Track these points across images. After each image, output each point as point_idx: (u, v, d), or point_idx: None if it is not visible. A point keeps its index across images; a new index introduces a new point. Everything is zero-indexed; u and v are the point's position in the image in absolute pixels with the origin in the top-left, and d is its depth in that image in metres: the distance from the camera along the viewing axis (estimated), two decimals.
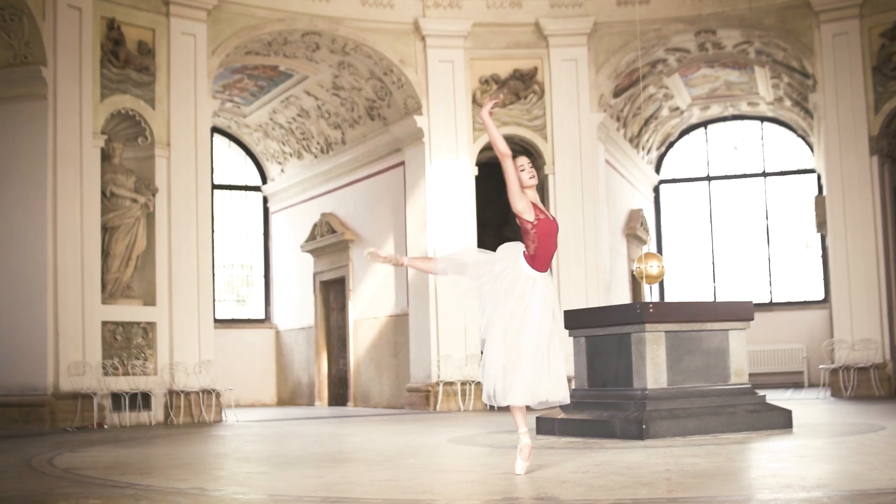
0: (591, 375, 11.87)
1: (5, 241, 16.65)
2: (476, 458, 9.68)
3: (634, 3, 20.00)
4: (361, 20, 19.82)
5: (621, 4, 20.31)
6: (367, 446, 11.48)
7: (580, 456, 9.05)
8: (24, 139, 16.63)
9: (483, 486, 7.31)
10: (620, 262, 23.70)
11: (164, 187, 17.85)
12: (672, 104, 25.60)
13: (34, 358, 16.29)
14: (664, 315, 11.24)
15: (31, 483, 8.21)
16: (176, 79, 18.05)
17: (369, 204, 22.56)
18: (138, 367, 17.32)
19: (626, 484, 6.91)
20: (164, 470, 8.98)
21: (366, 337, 22.55)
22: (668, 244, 28.36)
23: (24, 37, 16.49)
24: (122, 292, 17.54)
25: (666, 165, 28.50)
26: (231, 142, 26.34)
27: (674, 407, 10.92)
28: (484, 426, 14.10)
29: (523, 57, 20.51)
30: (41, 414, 16.11)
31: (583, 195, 20.23)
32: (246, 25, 19.00)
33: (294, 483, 7.74)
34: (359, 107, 21.93)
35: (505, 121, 20.29)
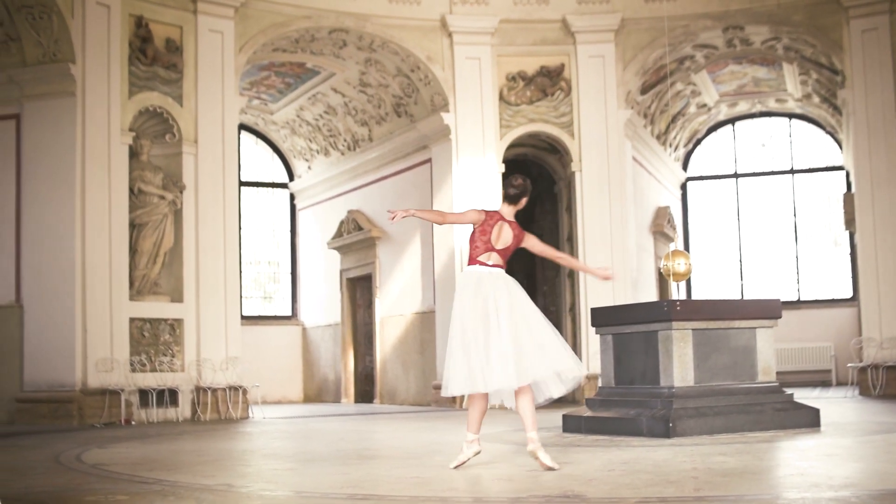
0: (618, 373, 11.83)
1: (34, 238, 16.74)
2: (502, 455, 9.66)
3: (662, 0, 19.93)
4: (388, 17, 19.83)
5: (649, 1, 20.24)
6: (394, 443, 11.49)
7: (607, 454, 9.03)
8: (52, 136, 16.72)
9: (509, 484, 7.30)
10: (647, 260, 23.62)
11: (192, 184, 17.91)
12: (699, 101, 25.51)
13: (63, 354, 16.38)
14: (691, 313, 11.20)
15: (60, 479, 8.25)
16: (203, 76, 18.11)
17: (396, 201, 22.55)
18: (165, 364, 17.38)
19: (652, 482, 6.88)
20: (192, 466, 9.01)
21: (392, 334, 22.56)
22: (696, 242, 28.27)
23: (53, 34, 16.56)
24: (150, 289, 17.60)
25: (693, 162, 28.41)
26: (258, 139, 26.39)
27: (701, 405, 10.88)
28: (510, 424, 14.07)
29: (550, 54, 20.46)
30: (69, 410, 16.20)
31: (610, 192, 20.18)
32: (273, 23, 19.03)
33: (320, 480, 7.75)
34: (386, 104, 21.94)
35: (532, 118, 20.28)
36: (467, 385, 8.23)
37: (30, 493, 7.32)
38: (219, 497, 6.89)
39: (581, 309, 19.97)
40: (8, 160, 17.07)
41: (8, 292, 16.92)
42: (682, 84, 23.54)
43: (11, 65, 16.94)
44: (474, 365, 8.20)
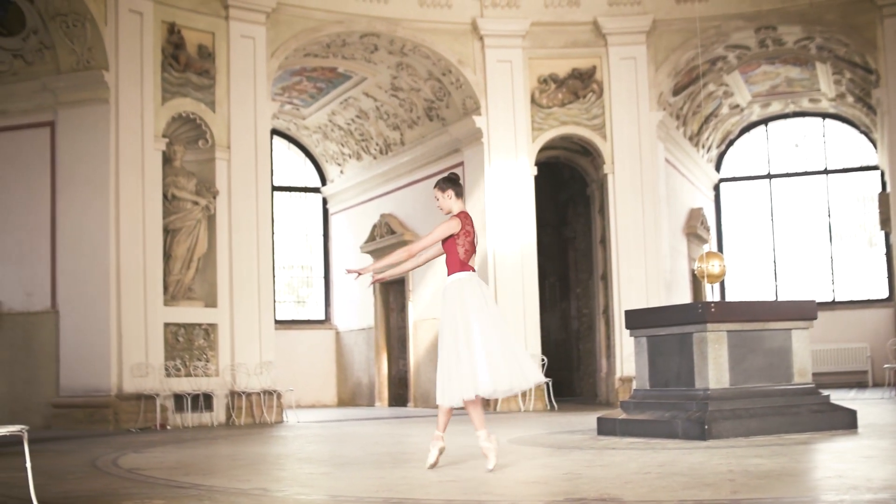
0: (653, 375, 11.79)
1: (69, 244, 16.84)
2: (537, 458, 9.64)
3: (693, 0, 19.86)
4: (419, 21, 19.84)
5: (680, 2, 20.17)
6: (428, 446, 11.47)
7: (642, 456, 8.99)
8: (87, 143, 16.82)
9: (545, 487, 7.28)
10: (681, 262, 23.53)
11: (225, 189, 17.97)
12: (732, 102, 25.40)
13: (98, 359, 16.47)
14: (726, 314, 11.14)
15: (97, 483, 8.29)
16: (236, 81, 18.17)
17: (428, 205, 22.50)
18: (200, 369, 17.44)
19: (689, 485, 6.85)
20: (227, 471, 9.04)
21: (426, 337, 22.55)
22: (729, 243, 28.14)
23: (86, 42, 16.67)
24: (184, 294, 17.67)
25: (726, 163, 28.29)
26: (290, 144, 26.47)
27: (736, 407, 10.82)
28: (545, 426, 14.06)
29: (582, 56, 20.43)
30: (105, 415, 16.28)
31: (643, 194, 20.12)
32: (304, 28, 19.08)
33: (355, 484, 7.75)
34: (417, 107, 21.96)
35: (564, 120, 20.24)
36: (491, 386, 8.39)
37: (68, 498, 7.36)
38: (254, 501, 6.91)
39: (614, 311, 19.91)
40: (43, 167, 17.18)
41: (44, 298, 17.03)
42: (714, 85, 23.44)
43: (46, 72, 17.06)
44: (499, 364, 8.36)
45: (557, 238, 24.84)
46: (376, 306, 24.51)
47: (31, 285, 17.11)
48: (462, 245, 8.68)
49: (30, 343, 17.04)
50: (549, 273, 24.24)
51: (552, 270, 24.75)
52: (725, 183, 28.36)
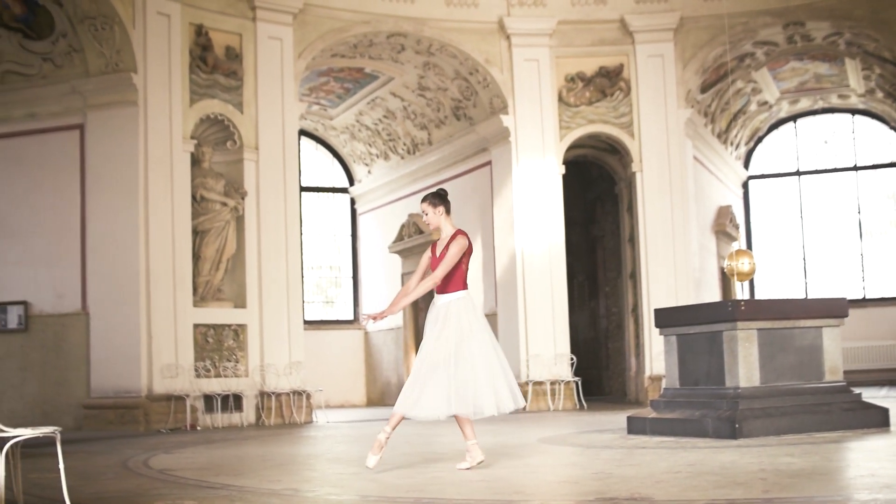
0: (683, 374, 11.75)
1: (99, 246, 16.92)
2: (568, 457, 9.62)
3: None
4: (446, 20, 19.84)
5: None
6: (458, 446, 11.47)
7: (673, 455, 8.96)
8: (116, 145, 16.89)
9: (576, 487, 7.27)
10: (710, 260, 23.45)
11: (253, 190, 18.02)
12: (760, 98, 25.28)
13: (128, 361, 16.53)
14: (756, 313, 11.10)
15: (128, 484, 8.33)
16: (263, 83, 18.21)
17: (456, 204, 22.30)
18: (230, 369, 17.49)
19: (720, 484, 6.82)
20: (258, 471, 9.06)
21: None
22: (758, 241, 28.02)
23: (115, 45, 16.74)
24: (213, 295, 17.73)
25: (755, 161, 28.17)
26: (318, 144, 26.52)
27: (767, 405, 10.77)
28: (574, 426, 14.04)
29: (609, 54, 20.37)
30: (136, 416, 16.34)
31: (671, 192, 20.05)
32: (331, 28, 19.10)
33: (386, 484, 7.75)
34: (444, 107, 21.96)
35: (591, 119, 20.20)
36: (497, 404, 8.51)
37: (100, 499, 7.39)
38: (285, 501, 6.92)
39: (643, 310, 19.85)
40: (72, 170, 17.27)
41: (74, 300, 17.12)
42: (742, 82, 23.34)
43: (75, 75, 17.15)
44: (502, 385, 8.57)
45: (586, 237, 24.79)
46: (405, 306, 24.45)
47: (62, 287, 17.20)
48: (466, 263, 8.82)
49: (60, 345, 17.13)
50: (577, 272, 24.19)
51: (580, 269, 24.70)
52: (754, 180, 28.24)
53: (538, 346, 19.62)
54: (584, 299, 24.99)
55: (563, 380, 19.50)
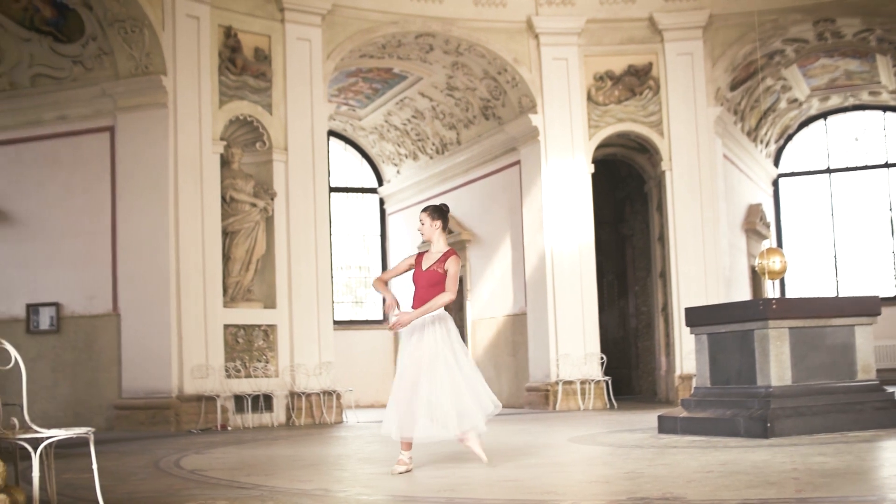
0: (714, 373, 11.70)
1: (130, 247, 16.99)
2: (598, 457, 9.60)
3: None
4: (474, 20, 19.83)
5: None
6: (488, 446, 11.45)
7: (704, 455, 8.93)
8: (146, 147, 16.96)
9: (607, 486, 7.25)
10: (740, 258, 23.35)
11: (283, 191, 18.06)
12: (790, 96, 25.16)
13: (159, 361, 16.60)
14: (788, 311, 11.04)
15: (160, 484, 8.36)
16: (292, 84, 18.25)
17: (485, 204, 22.56)
18: (260, 370, 17.53)
19: (752, 483, 6.79)
20: (288, 471, 9.08)
21: (484, 336, 22.56)
22: (789, 239, 27.88)
23: (144, 47, 16.80)
24: (243, 296, 17.77)
25: (785, 159, 28.03)
26: (347, 144, 26.56)
27: (799, 405, 10.72)
28: (604, 425, 14.01)
29: (638, 52, 20.32)
30: (167, 416, 16.41)
31: (701, 191, 19.98)
32: (360, 29, 19.13)
33: (417, 484, 7.76)
34: (473, 107, 21.95)
35: (620, 117, 20.15)
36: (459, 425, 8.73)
37: (132, 499, 7.42)
38: (316, 501, 6.93)
39: (673, 309, 19.80)
40: (103, 172, 17.35)
41: (105, 301, 17.20)
42: (772, 79, 23.23)
43: (105, 78, 17.23)
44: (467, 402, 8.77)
45: (615, 236, 24.74)
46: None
47: (93, 289, 17.28)
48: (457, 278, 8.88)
49: (92, 346, 17.22)
50: (606, 271, 24.15)
51: (610, 268, 24.65)
52: (784, 178, 28.11)
53: (568, 345, 19.60)
54: (614, 298, 24.93)
55: (592, 379, 19.47)
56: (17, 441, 6.17)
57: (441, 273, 8.76)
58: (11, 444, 6.30)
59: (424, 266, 8.89)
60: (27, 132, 17.84)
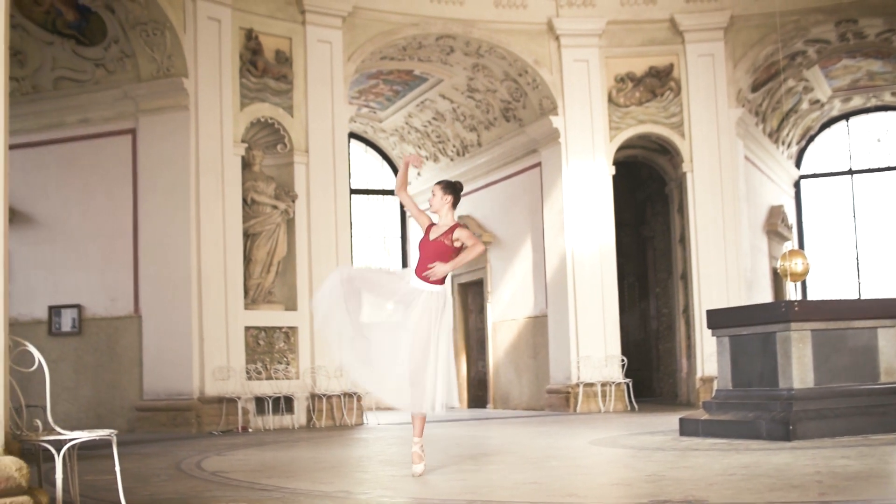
0: (735, 375, 11.67)
1: (152, 249, 17.04)
2: (620, 459, 9.59)
3: None
4: (495, 22, 19.83)
5: None
6: (509, 448, 11.47)
7: (726, 457, 8.90)
8: (167, 149, 17.01)
9: (629, 489, 7.23)
10: (762, 260, 23.28)
11: (304, 193, 18.08)
12: (812, 97, 25.06)
13: (180, 363, 16.64)
14: (810, 313, 11.00)
15: (182, 486, 8.37)
16: (313, 86, 18.28)
17: (506, 206, 22.55)
18: (280, 372, 17.56)
19: (775, 486, 6.77)
20: (310, 473, 9.09)
21: (505, 338, 22.54)
22: (811, 240, 27.76)
23: (166, 50, 16.86)
24: (264, 297, 17.80)
25: (806, 160, 27.92)
26: (367, 147, 26.58)
27: (821, 407, 10.68)
28: (625, 428, 13.98)
29: (659, 54, 20.28)
30: (188, 418, 16.45)
31: (722, 192, 19.93)
32: (380, 31, 19.15)
33: (438, 486, 7.75)
34: (494, 108, 21.95)
35: (641, 119, 20.12)
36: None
37: (155, 500, 7.44)
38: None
39: (694, 310, 19.75)
40: (125, 174, 17.41)
41: (127, 303, 17.25)
42: (793, 80, 23.15)
43: (127, 81, 17.28)
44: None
45: (636, 237, 24.69)
46: (455, 308, 24.54)
47: (115, 290, 17.34)
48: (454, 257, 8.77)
49: (113, 347, 17.27)
50: (627, 273, 24.11)
51: (631, 270, 24.61)
52: (806, 180, 27.99)
53: (589, 347, 19.57)
54: (635, 300, 24.89)
55: (613, 381, 19.44)
56: (41, 443, 6.20)
57: (448, 245, 8.70)
58: (35, 446, 6.32)
59: (432, 237, 8.82)
60: (49, 135, 17.90)
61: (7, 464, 5.05)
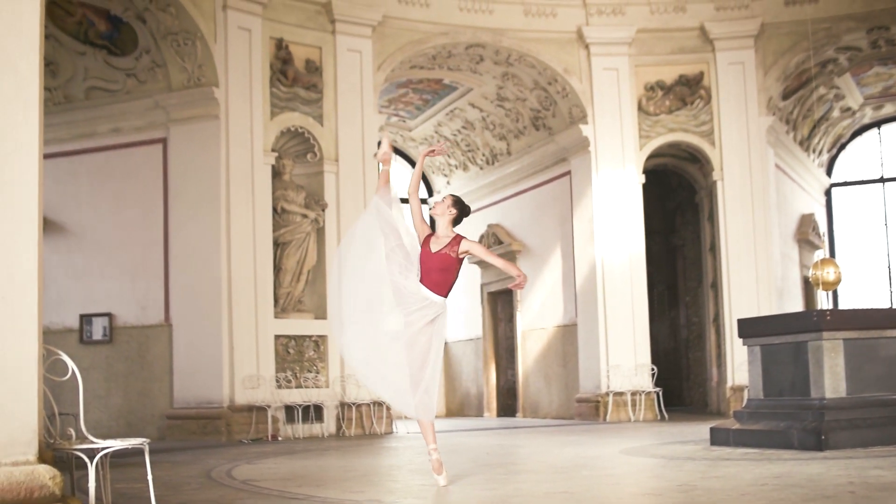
0: (767, 385, 11.60)
1: (182, 258, 17.11)
2: (650, 469, 9.55)
3: (803, 3, 19.59)
4: (524, 31, 19.83)
5: (789, 4, 19.87)
6: (539, 458, 11.45)
7: (758, 467, 8.86)
8: (198, 159, 17.08)
9: (660, 499, 7.20)
10: (792, 269, 23.18)
11: (334, 202, 18.12)
12: (843, 105, 24.94)
13: (210, 372, 16.69)
14: (842, 322, 10.93)
15: (212, 494, 8.39)
16: (343, 95, 18.33)
17: (535, 214, 22.53)
18: (310, 380, 17.59)
19: (807, 497, 6.72)
20: (340, 482, 9.09)
21: (534, 347, 22.51)
22: (842, 249, 27.60)
23: (197, 60, 16.94)
24: (294, 306, 17.84)
25: (838, 168, 27.78)
26: (397, 155, 26.60)
27: (853, 417, 10.61)
28: (656, 437, 13.93)
29: (689, 62, 20.24)
30: (218, 426, 16.49)
31: (752, 201, 19.85)
32: (410, 40, 19.18)
33: (469, 495, 7.74)
34: (523, 117, 21.94)
35: (671, 127, 20.08)
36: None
37: None
38: None
39: (725, 319, 19.68)
40: (155, 183, 17.49)
41: (157, 312, 17.32)
42: (824, 88, 23.04)
43: (158, 90, 17.37)
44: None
45: (666, 246, 24.62)
46: (484, 317, 24.53)
47: (146, 299, 17.42)
48: (458, 273, 8.81)
49: (144, 356, 17.34)
50: (657, 281, 24.03)
51: (661, 279, 24.54)
52: (837, 188, 27.85)
53: (618, 356, 19.52)
54: (665, 309, 24.81)
55: (643, 390, 19.38)
56: (74, 451, 6.23)
57: (452, 257, 8.64)
58: (68, 454, 6.36)
59: (434, 249, 8.76)
60: (81, 144, 18.01)
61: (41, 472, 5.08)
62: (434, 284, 8.58)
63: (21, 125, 5.19)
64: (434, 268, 8.62)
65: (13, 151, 5.15)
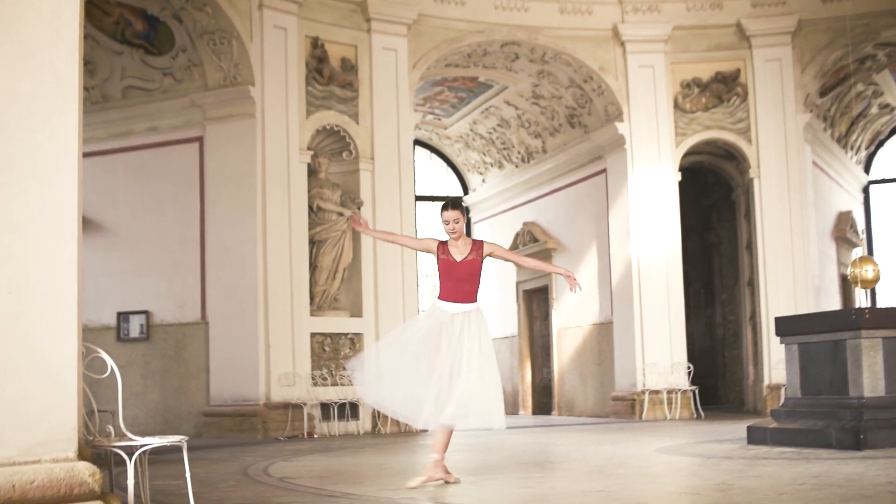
0: (804, 383, 11.53)
1: (219, 256, 17.18)
2: (687, 468, 9.52)
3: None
4: (560, 28, 19.79)
5: (826, 1, 19.73)
6: (575, 456, 11.43)
7: (796, 467, 8.81)
8: (234, 157, 17.15)
9: (697, 498, 7.17)
10: (830, 267, 23.02)
11: (369, 200, 18.15)
12: (882, 101, 24.74)
13: (247, 369, 16.75)
14: (881, 321, 10.84)
15: (249, 491, 8.42)
16: (378, 93, 18.35)
17: (571, 212, 22.48)
18: (346, 378, 17.60)
19: (847, 497, 6.68)
20: (376, 479, 9.11)
21: (569, 345, 22.48)
22: (880, 246, 27.39)
23: (233, 59, 17.00)
24: (330, 304, 17.88)
25: (876, 165, 27.57)
26: (432, 153, 26.63)
27: (893, 416, 10.52)
28: (692, 435, 13.88)
29: (725, 59, 20.14)
30: (254, 424, 16.55)
31: (790, 198, 19.74)
32: (446, 38, 19.19)
33: (505, 493, 7.74)
34: (559, 115, 21.90)
35: (707, 125, 19.99)
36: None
37: None
38: None
39: (761, 318, 19.57)
40: (192, 182, 17.58)
41: (194, 310, 17.41)
42: (863, 85, 22.87)
43: (194, 89, 17.46)
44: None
45: (702, 244, 24.52)
46: (519, 314, 24.51)
47: (182, 297, 17.51)
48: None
49: (181, 353, 17.44)
50: (693, 280, 23.94)
51: (696, 277, 24.44)
52: (875, 185, 27.63)
53: (654, 354, 19.47)
54: (701, 307, 24.71)
55: (679, 389, 19.31)
56: (113, 448, 6.26)
57: (479, 262, 8.68)
58: (106, 452, 6.39)
59: (458, 258, 8.73)
60: (118, 143, 18.12)
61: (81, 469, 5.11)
62: (465, 295, 8.62)
63: (61, 125, 5.22)
64: (463, 277, 8.64)
65: (53, 151, 5.18)
